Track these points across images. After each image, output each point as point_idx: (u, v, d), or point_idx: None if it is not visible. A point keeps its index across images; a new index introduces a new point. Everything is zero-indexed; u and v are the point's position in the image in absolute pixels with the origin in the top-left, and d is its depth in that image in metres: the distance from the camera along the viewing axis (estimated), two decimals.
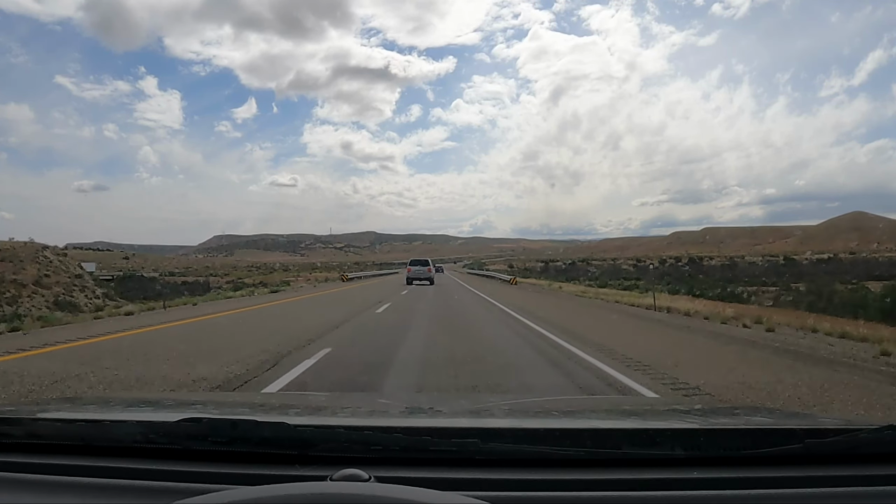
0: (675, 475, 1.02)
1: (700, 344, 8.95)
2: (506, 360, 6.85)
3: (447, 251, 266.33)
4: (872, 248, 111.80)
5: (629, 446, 1.11)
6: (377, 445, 1.06)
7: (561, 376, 5.88)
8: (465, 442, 1.06)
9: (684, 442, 1.11)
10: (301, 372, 5.68)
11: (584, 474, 1.03)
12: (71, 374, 5.34)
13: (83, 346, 7.32)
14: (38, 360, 6.14)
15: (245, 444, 1.06)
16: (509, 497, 0.96)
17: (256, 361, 6.14)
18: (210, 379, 5.24)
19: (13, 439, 1.15)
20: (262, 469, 1.02)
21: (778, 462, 1.05)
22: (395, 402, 2.19)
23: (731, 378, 5.64)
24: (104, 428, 1.18)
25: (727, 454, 1.08)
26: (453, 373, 5.82)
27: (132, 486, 1.01)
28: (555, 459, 1.05)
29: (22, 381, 5.02)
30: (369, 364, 6.24)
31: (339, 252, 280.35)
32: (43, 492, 1.01)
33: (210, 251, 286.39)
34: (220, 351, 7.02)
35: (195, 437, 1.08)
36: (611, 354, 7.08)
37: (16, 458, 1.09)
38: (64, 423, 1.24)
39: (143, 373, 5.46)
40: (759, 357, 7.44)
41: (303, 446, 1.06)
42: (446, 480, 0.98)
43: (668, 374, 5.78)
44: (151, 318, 11.79)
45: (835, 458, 1.07)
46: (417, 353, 7.16)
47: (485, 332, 10.20)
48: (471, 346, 7.86)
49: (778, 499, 0.98)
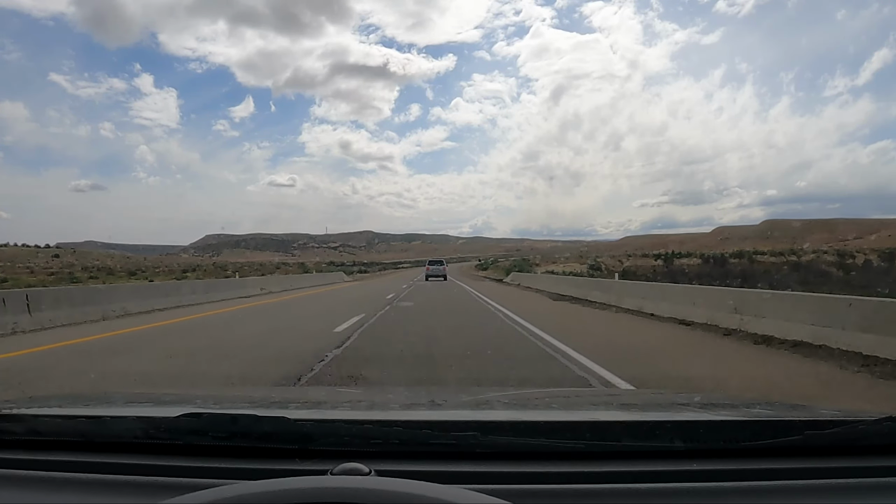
0: (674, 467, 1.06)
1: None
2: None
3: (447, 251, 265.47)
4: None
5: (629, 439, 1.15)
6: (377, 439, 1.10)
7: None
8: (465, 435, 1.10)
9: (684, 434, 1.14)
10: None
11: (584, 467, 1.06)
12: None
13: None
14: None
15: (245, 438, 1.10)
16: (510, 490, 0.99)
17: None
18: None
19: (14, 436, 1.18)
20: (263, 464, 1.06)
21: (777, 454, 1.09)
22: (395, 396, 2.23)
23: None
24: (104, 424, 1.22)
25: (727, 446, 1.12)
26: None
27: (133, 481, 1.05)
28: (555, 452, 1.09)
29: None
30: None
31: (333, 252, 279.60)
32: (44, 488, 1.05)
33: (199, 251, 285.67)
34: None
35: (195, 432, 1.11)
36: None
37: (17, 455, 1.13)
38: (64, 419, 1.28)
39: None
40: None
41: (303, 441, 1.09)
42: (447, 473, 1.01)
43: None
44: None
45: (834, 450, 1.11)
46: None
47: None
48: None
49: (777, 490, 1.02)
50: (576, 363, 6.50)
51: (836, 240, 66.68)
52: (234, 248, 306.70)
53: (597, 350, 7.31)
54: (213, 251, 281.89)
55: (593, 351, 7.20)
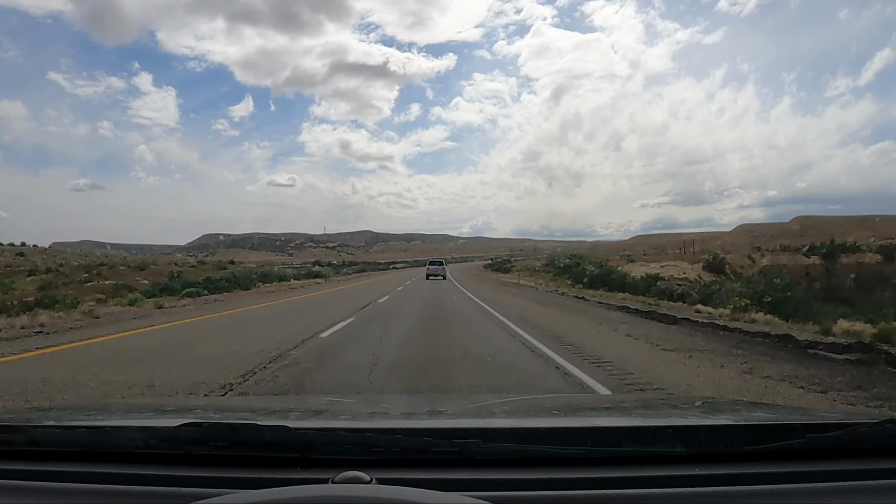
0: (676, 472, 1.08)
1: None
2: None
3: (448, 251, 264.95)
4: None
5: (630, 444, 1.17)
6: (378, 447, 1.12)
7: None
8: (467, 442, 1.11)
9: (685, 439, 1.17)
10: None
11: (585, 472, 1.08)
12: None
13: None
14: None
15: (246, 447, 1.12)
16: (511, 497, 1.01)
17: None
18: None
19: (14, 447, 1.20)
20: (263, 472, 1.08)
21: (779, 457, 1.11)
22: (396, 404, 2.25)
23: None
24: (105, 434, 1.24)
25: (728, 450, 1.14)
26: None
27: (133, 491, 1.07)
28: (556, 458, 1.11)
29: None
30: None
31: (330, 252, 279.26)
32: (44, 499, 1.07)
33: (194, 250, 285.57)
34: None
35: (196, 441, 1.13)
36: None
37: (17, 466, 1.15)
38: (64, 429, 1.29)
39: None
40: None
41: (303, 449, 1.11)
42: (448, 481, 1.03)
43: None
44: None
45: (836, 453, 1.13)
46: None
47: None
48: None
49: (780, 494, 1.04)
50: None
51: (882, 237, 62.29)
52: (229, 247, 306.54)
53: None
54: (208, 251, 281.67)
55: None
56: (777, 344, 8.10)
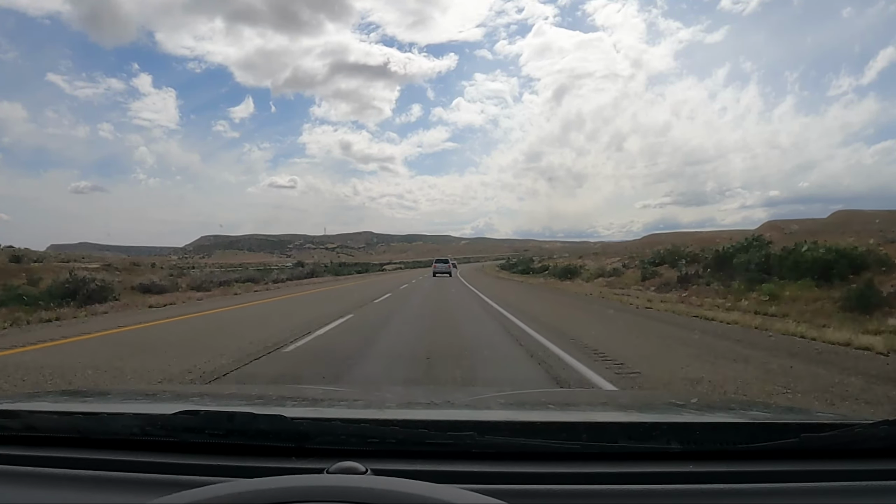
0: (670, 469, 1.10)
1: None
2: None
3: (449, 252, 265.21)
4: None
5: (625, 439, 1.18)
6: (374, 438, 1.14)
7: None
8: (462, 435, 1.13)
9: (680, 436, 1.18)
10: None
11: (580, 467, 1.10)
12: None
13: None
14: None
15: (242, 436, 1.14)
16: (506, 490, 1.03)
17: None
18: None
19: (10, 432, 1.22)
20: (259, 461, 1.10)
21: (773, 456, 1.13)
22: (392, 395, 2.27)
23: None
24: (101, 420, 1.25)
25: (723, 448, 1.15)
26: None
27: (129, 478, 1.09)
28: (551, 452, 1.13)
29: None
30: None
31: (330, 253, 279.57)
32: (40, 484, 1.09)
33: (192, 252, 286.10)
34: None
35: (192, 429, 1.15)
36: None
37: (13, 451, 1.17)
38: (61, 415, 1.31)
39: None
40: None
41: (299, 439, 1.13)
42: (443, 473, 1.05)
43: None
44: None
45: (830, 453, 1.14)
46: None
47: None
48: None
49: (773, 493, 1.06)
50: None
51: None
52: (227, 248, 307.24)
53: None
54: (206, 252, 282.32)
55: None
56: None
